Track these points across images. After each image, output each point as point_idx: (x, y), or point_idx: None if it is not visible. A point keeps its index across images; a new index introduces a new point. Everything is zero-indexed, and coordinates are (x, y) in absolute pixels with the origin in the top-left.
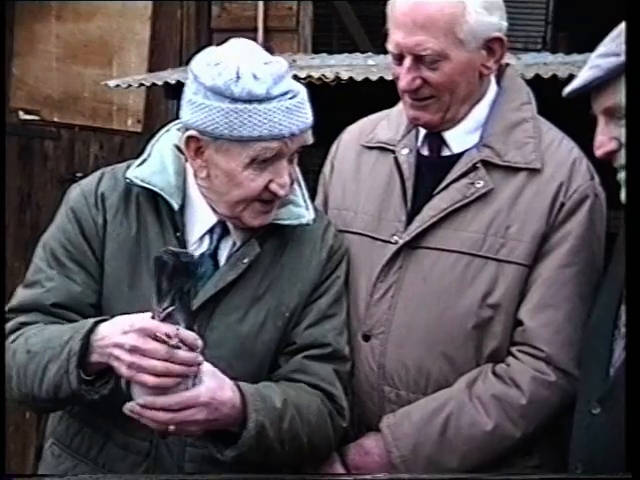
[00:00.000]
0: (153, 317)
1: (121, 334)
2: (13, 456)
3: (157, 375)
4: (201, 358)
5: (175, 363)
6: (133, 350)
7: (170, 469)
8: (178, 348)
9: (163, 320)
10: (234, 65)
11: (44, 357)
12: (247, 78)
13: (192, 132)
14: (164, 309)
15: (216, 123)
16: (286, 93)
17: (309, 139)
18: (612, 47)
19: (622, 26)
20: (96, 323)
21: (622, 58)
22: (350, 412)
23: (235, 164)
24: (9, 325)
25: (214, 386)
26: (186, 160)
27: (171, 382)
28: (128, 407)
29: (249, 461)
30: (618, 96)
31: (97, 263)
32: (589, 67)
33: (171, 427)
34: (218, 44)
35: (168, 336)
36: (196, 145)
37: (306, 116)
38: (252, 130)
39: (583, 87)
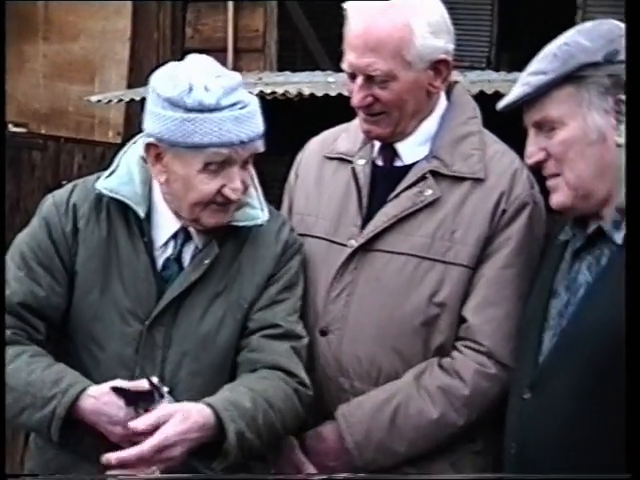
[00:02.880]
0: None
1: (113, 425)
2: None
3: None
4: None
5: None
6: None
7: None
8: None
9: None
10: (187, 78)
11: (23, 399)
12: (199, 89)
13: (151, 140)
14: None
15: (171, 131)
16: (236, 104)
17: (260, 147)
18: (540, 66)
19: (549, 47)
20: (82, 391)
21: (549, 76)
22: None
23: (190, 169)
24: None
25: (178, 423)
26: (164, 182)
27: None
28: (105, 458)
29: (235, 464)
30: (545, 110)
31: (64, 269)
32: (520, 84)
33: (157, 472)
34: None
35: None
36: (155, 152)
37: (256, 125)
38: (203, 137)
39: (515, 102)
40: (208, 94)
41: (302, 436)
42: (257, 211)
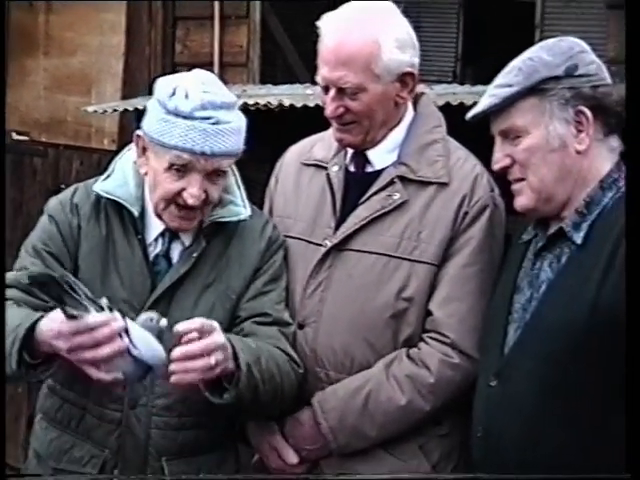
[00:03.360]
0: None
1: (56, 338)
2: (7, 425)
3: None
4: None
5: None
6: (70, 349)
7: (139, 435)
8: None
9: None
10: (177, 84)
11: None
12: (179, 95)
13: (139, 132)
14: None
15: (152, 127)
16: (209, 118)
17: (224, 165)
18: (506, 79)
19: (514, 62)
20: (41, 317)
21: (514, 89)
22: None
23: (159, 166)
24: None
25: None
26: (145, 174)
27: (109, 349)
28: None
29: (241, 404)
30: (511, 120)
31: (70, 259)
32: (487, 96)
33: (212, 360)
34: None
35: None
36: (142, 144)
37: (224, 143)
38: (170, 139)
39: (482, 112)
40: (185, 102)
41: (281, 421)
42: (240, 208)
